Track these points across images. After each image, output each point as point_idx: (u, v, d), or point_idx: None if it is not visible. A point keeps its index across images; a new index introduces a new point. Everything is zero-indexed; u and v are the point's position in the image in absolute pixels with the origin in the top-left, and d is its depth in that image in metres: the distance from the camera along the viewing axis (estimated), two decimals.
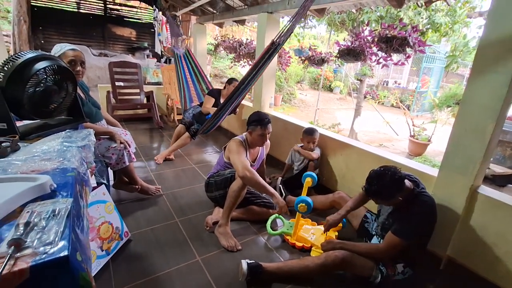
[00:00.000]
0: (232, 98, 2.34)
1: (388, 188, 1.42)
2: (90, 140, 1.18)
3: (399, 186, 1.43)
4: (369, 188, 1.48)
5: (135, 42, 6.69)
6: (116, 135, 2.01)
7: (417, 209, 1.48)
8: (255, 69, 2.19)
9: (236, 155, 1.93)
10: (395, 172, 1.43)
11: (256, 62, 2.19)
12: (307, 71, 10.48)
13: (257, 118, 2.02)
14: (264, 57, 2.13)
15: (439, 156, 4.93)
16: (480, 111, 1.52)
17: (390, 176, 1.42)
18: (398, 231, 1.48)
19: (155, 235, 1.92)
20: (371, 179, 1.47)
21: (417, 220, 1.47)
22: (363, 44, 2.61)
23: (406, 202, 1.48)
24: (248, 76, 2.24)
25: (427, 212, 1.50)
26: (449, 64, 3.53)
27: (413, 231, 1.47)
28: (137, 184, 2.27)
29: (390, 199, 1.49)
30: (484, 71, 1.48)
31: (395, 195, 1.44)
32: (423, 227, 1.50)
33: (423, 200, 1.50)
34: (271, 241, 1.95)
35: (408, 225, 1.48)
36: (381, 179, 1.43)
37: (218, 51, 4.66)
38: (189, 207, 2.26)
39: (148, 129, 4.24)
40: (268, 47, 2.10)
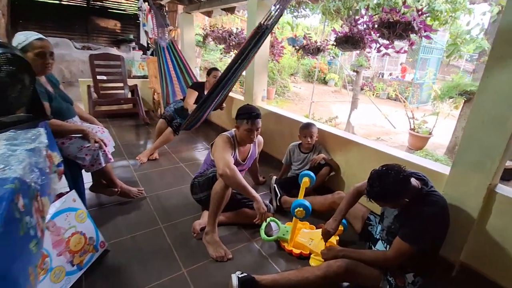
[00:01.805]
0: (215, 91, 2.12)
1: (392, 190, 1.25)
2: (41, 142, 0.97)
3: (404, 187, 1.26)
4: (371, 191, 1.30)
5: (120, 34, 6.38)
6: (90, 133, 1.78)
7: (427, 210, 1.30)
8: (240, 57, 1.98)
9: (219, 151, 1.73)
10: (399, 172, 1.26)
11: (242, 49, 1.97)
12: (301, 63, 10.26)
13: (244, 111, 1.82)
14: (251, 43, 1.92)
15: (439, 149, 4.81)
16: (499, 100, 1.34)
17: (393, 176, 1.25)
18: (407, 236, 1.31)
19: (136, 243, 1.71)
20: (373, 180, 1.30)
21: (427, 223, 1.30)
22: (362, 30, 2.41)
23: (413, 203, 1.31)
24: (233, 65, 2.02)
25: (438, 214, 1.32)
26: (451, 53, 3.36)
27: (423, 236, 1.30)
28: (117, 186, 2.05)
29: (395, 202, 1.32)
30: (505, 56, 1.30)
31: (400, 197, 1.27)
32: (435, 231, 1.33)
33: (433, 200, 1.33)
34: (266, 248, 1.76)
35: (417, 229, 1.30)
36: (383, 180, 1.26)
37: (207, 42, 4.42)
38: (175, 210, 2.06)
39: (134, 126, 3.98)
40: (255, 30, 1.89)
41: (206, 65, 8.81)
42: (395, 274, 1.40)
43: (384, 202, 1.35)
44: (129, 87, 4.04)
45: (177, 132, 2.84)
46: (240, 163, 1.95)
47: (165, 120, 2.96)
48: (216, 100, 2.27)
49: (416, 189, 1.32)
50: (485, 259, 1.52)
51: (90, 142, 1.76)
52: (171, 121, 2.91)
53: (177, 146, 3.34)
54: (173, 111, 3.00)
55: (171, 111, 3.00)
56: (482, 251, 1.52)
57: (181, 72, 3.64)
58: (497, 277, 1.47)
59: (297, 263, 1.66)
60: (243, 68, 2.15)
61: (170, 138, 2.86)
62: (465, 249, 1.56)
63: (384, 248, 1.56)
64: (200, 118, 2.45)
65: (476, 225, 1.50)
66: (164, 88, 3.57)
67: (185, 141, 3.54)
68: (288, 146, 2.46)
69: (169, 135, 2.85)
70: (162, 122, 2.98)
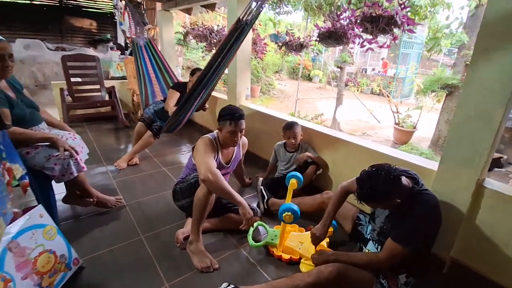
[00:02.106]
0: (196, 91, 2.01)
1: (383, 191, 1.20)
2: None
3: (395, 187, 1.21)
4: (361, 192, 1.24)
5: (96, 34, 6.12)
6: (59, 140, 1.64)
7: (418, 210, 1.27)
8: (220, 54, 1.89)
9: (201, 154, 1.62)
10: (389, 172, 1.21)
11: (221, 45, 1.88)
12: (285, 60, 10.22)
13: (227, 112, 1.72)
14: (230, 39, 1.82)
15: (423, 142, 4.89)
16: (486, 94, 1.31)
17: (384, 176, 1.20)
18: (399, 238, 1.27)
19: (114, 257, 1.59)
20: (363, 181, 1.25)
21: (420, 223, 1.26)
22: (345, 25, 2.35)
23: (405, 203, 1.27)
24: (213, 63, 1.92)
25: (431, 213, 1.29)
26: (432, 47, 3.39)
27: (416, 237, 1.26)
28: (92, 196, 1.91)
29: (386, 203, 1.28)
30: (490, 49, 1.27)
31: (391, 198, 1.22)
32: (427, 231, 1.29)
33: (425, 200, 1.29)
34: (254, 255, 1.69)
35: (410, 230, 1.27)
36: (373, 181, 1.21)
37: (188, 40, 4.27)
38: (157, 219, 1.94)
39: (113, 129, 3.80)
40: (234, 26, 1.80)
41: (189, 64, 8.61)
42: (387, 276, 1.36)
43: (375, 203, 1.31)
44: (106, 89, 3.85)
45: (157, 135, 2.71)
46: (224, 166, 1.85)
47: (144, 123, 2.80)
48: (198, 101, 2.16)
49: (407, 188, 1.27)
50: (475, 255, 1.50)
51: (59, 150, 1.61)
52: (150, 124, 2.76)
53: (159, 149, 3.20)
54: (152, 113, 2.85)
55: (150, 113, 2.85)
56: (472, 247, 1.50)
57: (160, 71, 3.48)
58: (488, 272, 1.46)
59: (287, 269, 1.59)
60: (225, 66, 2.06)
61: (150, 142, 2.72)
62: (455, 245, 1.54)
63: (375, 248, 1.52)
64: (181, 120, 2.34)
65: (466, 221, 1.48)
66: (142, 89, 3.41)
67: (167, 144, 3.40)
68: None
69: (148, 139, 2.70)
70: (141, 125, 2.83)
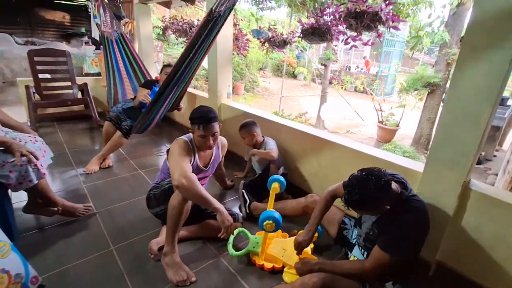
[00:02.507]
0: (167, 89, 1.87)
1: (372, 197, 1.14)
2: None
3: (385, 194, 1.15)
4: (349, 198, 1.17)
5: (69, 27, 5.77)
6: (14, 145, 1.46)
7: (408, 217, 1.21)
8: (192, 49, 1.76)
9: (175, 158, 1.49)
10: (379, 176, 1.15)
11: (193, 39, 1.75)
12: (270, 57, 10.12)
13: (196, 115, 1.57)
14: (202, 32, 1.70)
15: (405, 140, 4.94)
16: (473, 94, 1.26)
17: (374, 182, 1.13)
18: (387, 246, 1.21)
19: (80, 273, 1.44)
20: (351, 187, 1.17)
21: (409, 231, 1.20)
22: (328, 21, 2.28)
23: (393, 209, 1.20)
24: (184, 59, 1.79)
25: (420, 220, 1.23)
26: (415, 45, 3.39)
27: (405, 246, 1.21)
28: (57, 204, 1.74)
29: (375, 209, 1.22)
30: (479, 47, 1.22)
31: (381, 205, 1.16)
32: (417, 239, 1.24)
33: (414, 207, 1.23)
34: (235, 264, 1.58)
35: (399, 238, 1.21)
36: (363, 187, 1.14)
37: (167, 35, 4.08)
38: (130, 227, 1.80)
39: (86, 129, 3.57)
40: (206, 18, 1.68)
41: (170, 60, 8.35)
42: (374, 285, 1.29)
43: (363, 210, 1.24)
44: (78, 86, 3.60)
45: (127, 135, 2.51)
46: (202, 170, 1.73)
47: (111, 122, 2.59)
48: (170, 99, 2.01)
49: (396, 194, 1.21)
50: (460, 257, 1.47)
51: (15, 155, 1.44)
52: (118, 123, 2.56)
53: (135, 150, 3.03)
54: (120, 111, 2.64)
55: (118, 112, 2.63)
56: (458, 249, 1.47)
57: (132, 69, 3.29)
58: (473, 275, 1.43)
59: (270, 278, 1.50)
60: (198, 62, 1.93)
61: (120, 142, 2.52)
62: (441, 248, 1.50)
63: (361, 254, 1.46)
64: (152, 120, 2.18)
65: (451, 223, 1.44)
66: (111, 86, 3.21)
67: (145, 144, 3.22)
68: None
69: (118, 140, 2.50)
70: (108, 125, 2.60)
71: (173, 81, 1.86)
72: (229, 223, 1.46)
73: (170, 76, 1.85)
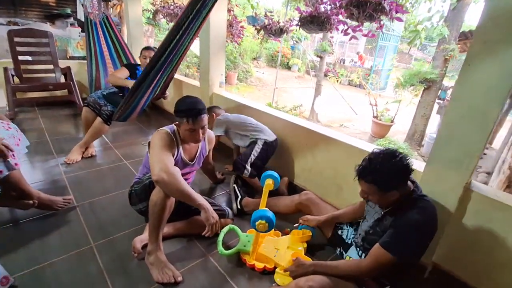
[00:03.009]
0: (149, 75, 1.74)
1: (390, 172, 1.10)
2: None
3: (403, 176, 1.13)
4: (366, 166, 1.14)
5: (54, 8, 5.43)
6: None
7: (415, 217, 1.13)
8: (178, 31, 1.63)
9: (155, 151, 1.37)
10: (405, 157, 1.13)
11: (179, 20, 1.62)
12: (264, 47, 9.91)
13: (183, 107, 1.44)
14: (190, 13, 1.57)
15: (397, 135, 4.93)
16: (481, 92, 1.20)
17: (399, 159, 1.11)
18: (389, 244, 1.13)
19: (56, 272, 1.33)
20: (374, 155, 1.15)
21: (414, 231, 1.12)
22: (328, 10, 2.17)
23: (402, 206, 1.16)
24: (170, 42, 1.66)
25: (428, 222, 1.16)
26: (412, 40, 3.32)
27: (407, 246, 1.13)
28: (32, 197, 1.61)
29: (385, 189, 1.13)
30: (490, 42, 1.14)
31: (394, 186, 1.12)
32: (421, 242, 1.16)
33: (423, 207, 1.16)
34: (224, 264, 1.50)
35: (402, 237, 1.13)
36: (386, 159, 1.11)
37: (158, 19, 3.87)
38: (113, 223, 1.69)
39: (69, 115, 3.37)
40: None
41: None
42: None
43: (374, 183, 1.13)
44: (61, 70, 3.39)
45: (108, 121, 2.36)
46: (188, 164, 1.61)
47: (89, 107, 2.42)
48: (154, 86, 1.87)
49: (408, 189, 1.17)
50: (457, 260, 1.43)
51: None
52: (98, 108, 2.39)
53: (121, 139, 2.88)
54: (99, 96, 2.46)
55: (96, 97, 2.46)
56: (455, 252, 1.44)
57: (116, 53, 3.10)
58: (468, 278, 1.40)
59: (261, 279, 1.43)
60: (185, 47, 1.79)
61: (102, 129, 2.36)
62: (437, 250, 1.46)
63: (357, 255, 1.40)
64: (135, 107, 2.03)
65: (450, 225, 1.39)
66: (94, 72, 3.02)
67: (131, 133, 3.08)
68: None
69: (99, 126, 2.34)
70: (86, 111, 2.43)
71: (157, 66, 1.72)
72: (214, 221, 1.38)
73: (154, 61, 1.71)
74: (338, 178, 1.89)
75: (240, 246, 1.53)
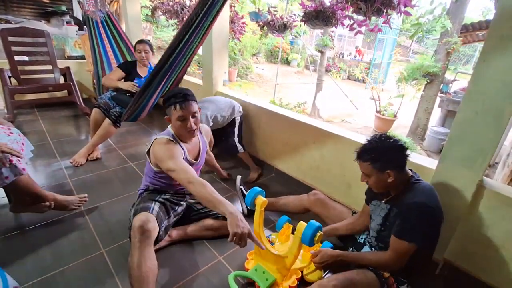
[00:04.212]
0: (159, 74, 1.71)
1: (385, 150, 1.18)
2: None
3: (397, 155, 1.18)
4: (363, 147, 1.22)
5: (49, 5, 5.33)
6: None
7: (417, 200, 1.14)
8: (188, 30, 1.60)
9: (170, 165, 1.30)
10: (399, 140, 1.21)
11: (188, 19, 1.58)
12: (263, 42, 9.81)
13: (171, 94, 1.39)
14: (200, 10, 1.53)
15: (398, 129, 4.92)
16: (497, 88, 1.18)
17: (393, 140, 1.20)
18: (403, 234, 1.14)
19: (67, 280, 1.32)
20: (371, 137, 1.25)
21: (422, 214, 1.12)
22: (334, 4, 2.12)
23: (402, 194, 1.20)
24: (179, 41, 1.62)
25: (432, 202, 1.14)
26: (415, 33, 3.28)
27: (422, 231, 1.12)
28: (48, 199, 1.59)
29: (380, 168, 1.17)
30: (507, 36, 1.11)
31: (389, 165, 1.16)
32: (430, 222, 1.14)
33: (422, 188, 1.19)
34: (236, 266, 1.48)
35: (413, 223, 1.13)
36: (381, 140, 1.21)
37: (157, 16, 3.80)
38: (122, 227, 1.66)
39: (70, 117, 3.33)
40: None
41: (159, 44, 7.96)
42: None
43: (371, 160, 1.19)
44: (60, 70, 3.33)
45: (117, 123, 2.34)
46: (193, 163, 1.55)
47: (99, 109, 2.40)
48: (163, 86, 1.84)
49: (407, 176, 1.22)
50: (469, 256, 1.43)
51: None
52: (107, 110, 2.37)
53: (125, 140, 2.85)
54: (109, 98, 2.45)
55: (107, 98, 2.45)
56: (467, 248, 1.43)
57: (120, 51, 3.04)
58: (480, 273, 1.41)
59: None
60: (194, 46, 1.75)
61: (110, 131, 2.35)
62: (449, 246, 1.46)
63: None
64: (144, 107, 1.99)
65: (462, 222, 1.39)
66: (99, 70, 2.97)
67: (135, 134, 3.04)
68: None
69: (108, 128, 2.32)
70: (96, 112, 2.41)
71: (166, 66, 1.68)
72: (242, 231, 1.11)
73: (163, 60, 1.68)
74: (346, 175, 1.88)
75: (255, 277, 1.35)
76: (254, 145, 2.52)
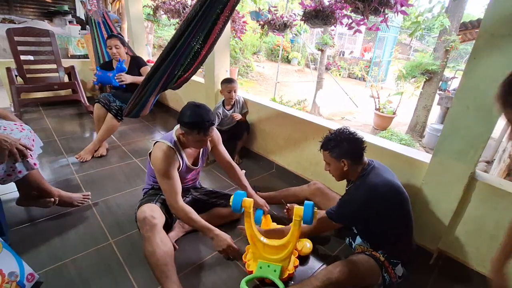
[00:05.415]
0: (158, 71, 1.76)
1: (341, 140, 1.33)
2: None
3: (352, 147, 1.33)
4: (327, 137, 1.40)
5: (51, 5, 5.40)
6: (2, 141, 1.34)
7: (358, 189, 1.33)
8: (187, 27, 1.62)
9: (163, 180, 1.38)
10: (356, 134, 1.37)
11: (188, 15, 1.60)
12: (263, 41, 9.85)
13: (195, 119, 1.31)
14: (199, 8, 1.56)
15: (397, 127, 4.98)
16: (487, 84, 1.23)
17: (350, 133, 1.36)
18: (330, 211, 1.40)
19: (79, 268, 1.39)
20: (334, 130, 1.41)
21: (349, 195, 1.38)
22: (333, 4, 2.18)
23: (357, 179, 1.36)
24: (178, 38, 1.65)
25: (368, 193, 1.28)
26: (414, 31, 3.33)
27: (343, 215, 1.38)
28: (53, 195, 1.65)
29: (336, 156, 1.34)
30: (498, 33, 1.17)
31: (343, 154, 1.32)
32: (357, 213, 1.33)
33: (369, 180, 1.30)
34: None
35: (341, 206, 1.38)
36: (340, 132, 1.37)
37: (158, 15, 3.86)
38: (129, 219, 1.73)
39: (75, 115, 3.40)
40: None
41: (160, 43, 8.02)
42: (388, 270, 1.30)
43: (328, 149, 1.36)
44: (64, 69, 3.40)
45: (119, 117, 2.39)
46: (193, 168, 1.60)
47: (100, 103, 2.44)
48: (164, 83, 1.87)
49: (362, 162, 1.36)
50: (462, 246, 1.49)
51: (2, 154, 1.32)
52: (108, 104, 2.42)
53: (129, 137, 2.92)
54: (108, 93, 2.53)
55: (106, 93, 2.52)
56: (459, 239, 1.49)
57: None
58: (473, 262, 1.47)
59: None
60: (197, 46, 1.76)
61: (114, 125, 2.40)
62: (443, 237, 1.52)
63: (364, 243, 1.46)
64: (145, 103, 2.03)
65: (455, 214, 1.45)
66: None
67: (138, 131, 3.11)
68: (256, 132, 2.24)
69: (111, 122, 2.38)
70: (98, 107, 2.45)
71: (166, 63, 1.71)
72: (226, 245, 1.42)
73: (162, 56, 1.71)
74: None
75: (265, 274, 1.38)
76: (255, 141, 2.59)
